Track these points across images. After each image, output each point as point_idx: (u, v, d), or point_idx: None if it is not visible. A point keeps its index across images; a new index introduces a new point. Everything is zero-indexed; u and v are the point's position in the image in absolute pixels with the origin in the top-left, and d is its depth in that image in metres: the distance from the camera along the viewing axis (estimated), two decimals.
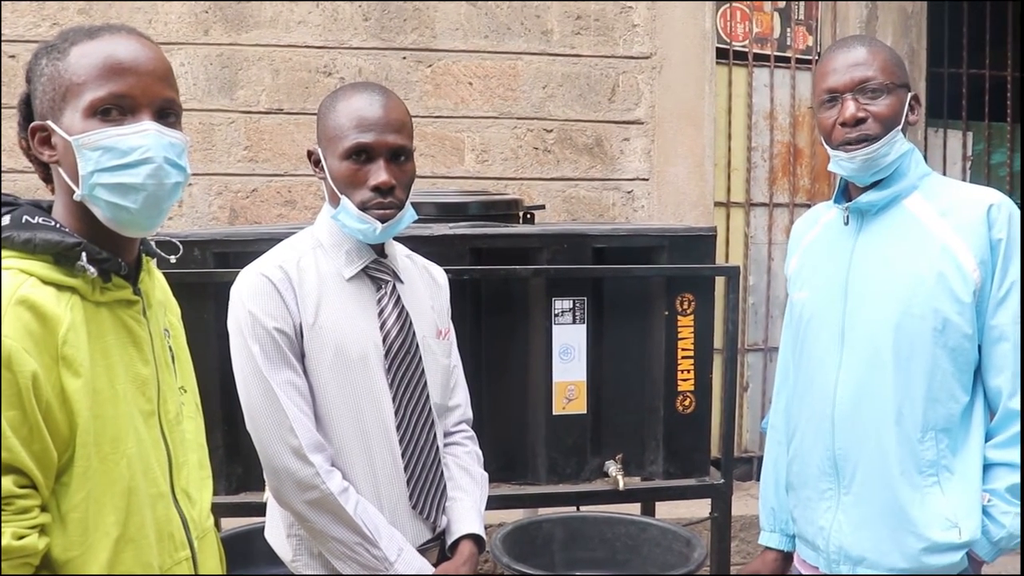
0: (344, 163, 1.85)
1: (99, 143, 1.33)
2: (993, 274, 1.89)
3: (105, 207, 1.35)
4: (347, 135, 1.84)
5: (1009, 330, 1.89)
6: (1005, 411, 1.90)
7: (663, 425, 2.84)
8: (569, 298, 2.76)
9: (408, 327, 1.94)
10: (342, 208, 1.86)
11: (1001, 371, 1.91)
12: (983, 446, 1.92)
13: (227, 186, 4.43)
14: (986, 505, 1.90)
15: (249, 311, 1.83)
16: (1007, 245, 1.89)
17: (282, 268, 1.86)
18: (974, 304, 1.89)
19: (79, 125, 1.34)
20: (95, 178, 1.33)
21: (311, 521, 1.82)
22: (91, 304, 1.34)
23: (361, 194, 1.85)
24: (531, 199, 4.44)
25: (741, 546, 4.49)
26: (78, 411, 1.28)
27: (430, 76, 4.51)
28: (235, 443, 2.69)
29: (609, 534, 2.90)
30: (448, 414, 2.11)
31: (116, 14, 4.19)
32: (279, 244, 1.97)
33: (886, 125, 1.94)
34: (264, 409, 1.81)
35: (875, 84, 1.94)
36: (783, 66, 4.91)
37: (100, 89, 1.34)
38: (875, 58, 1.96)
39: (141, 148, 1.34)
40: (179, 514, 1.46)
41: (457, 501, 2.02)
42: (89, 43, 1.37)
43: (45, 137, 1.38)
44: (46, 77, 1.37)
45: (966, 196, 1.96)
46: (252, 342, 1.82)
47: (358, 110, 1.85)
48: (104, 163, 1.33)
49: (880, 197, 1.99)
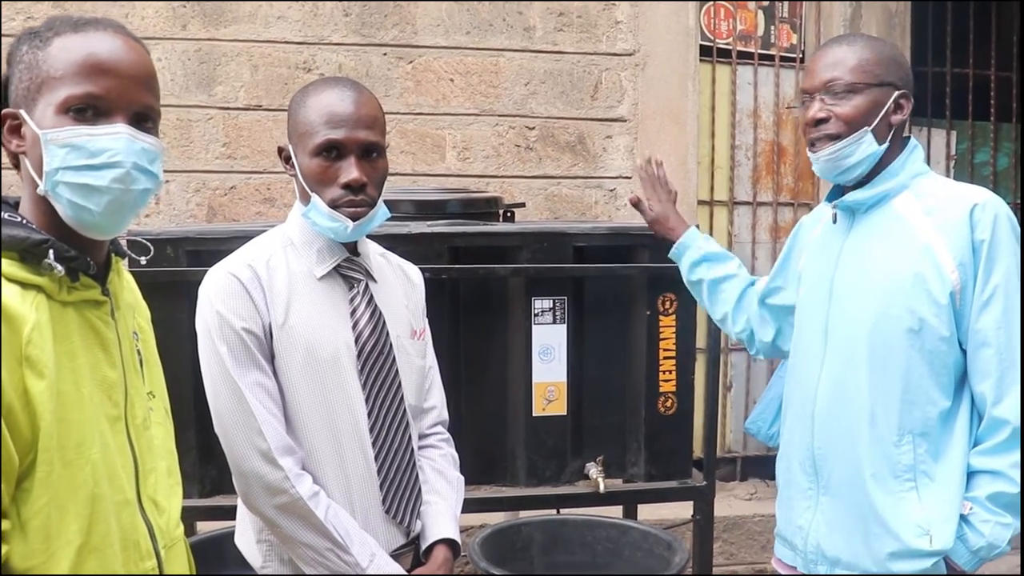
0: (314, 160, 1.80)
1: (67, 140, 1.30)
2: (976, 276, 1.86)
3: (67, 205, 1.31)
4: (317, 131, 1.79)
5: (992, 335, 1.85)
6: (991, 419, 1.87)
7: (645, 426, 2.82)
8: (549, 297, 2.73)
9: (381, 327, 1.90)
10: (312, 206, 1.82)
11: (985, 377, 1.87)
12: (966, 453, 1.90)
13: (205, 183, 4.38)
14: (967, 514, 1.87)
15: (217, 311, 1.79)
16: (990, 247, 1.85)
17: (251, 267, 1.82)
18: (951, 306, 1.86)
19: (50, 120, 1.30)
20: (59, 175, 1.30)
21: (281, 526, 1.79)
22: (57, 304, 1.30)
23: (332, 192, 1.80)
24: (513, 197, 4.41)
25: (724, 547, 4.48)
26: (41, 414, 1.23)
27: (411, 72, 4.47)
28: (209, 445, 2.65)
29: (590, 537, 2.89)
30: (423, 416, 2.07)
31: (92, 7, 4.14)
32: (249, 242, 1.93)
33: (851, 125, 1.92)
34: (232, 411, 1.77)
35: (841, 84, 1.93)
36: (767, 64, 4.89)
37: (76, 87, 1.30)
38: (850, 58, 1.94)
39: (110, 151, 1.31)
40: (145, 522, 1.42)
41: (432, 505, 1.99)
42: (72, 36, 1.33)
43: (16, 126, 1.34)
44: (24, 64, 1.34)
45: (951, 195, 1.93)
46: (220, 343, 1.78)
47: (328, 105, 1.80)
48: (70, 161, 1.30)
49: (867, 196, 1.97)
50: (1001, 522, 1.85)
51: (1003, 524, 1.85)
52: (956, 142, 5.34)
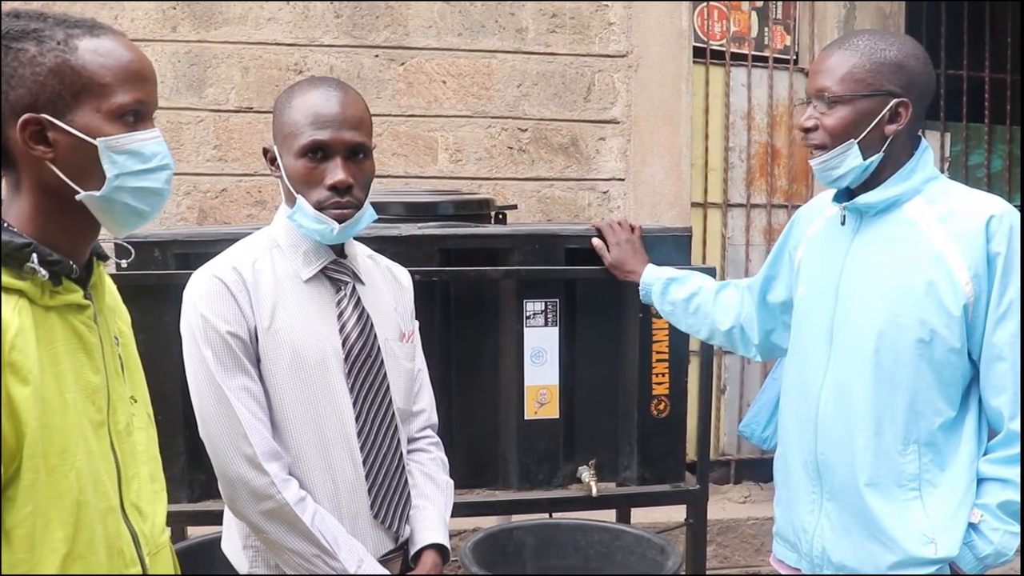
0: (300, 161, 1.79)
1: (127, 147, 1.34)
2: (991, 289, 1.83)
3: (121, 208, 1.36)
4: (302, 132, 1.78)
5: (1007, 350, 1.83)
6: (1008, 433, 1.85)
7: (637, 430, 2.79)
8: (541, 300, 2.71)
9: (369, 329, 1.89)
10: (298, 208, 1.81)
11: (1001, 391, 1.85)
12: (973, 462, 1.88)
13: (196, 186, 4.35)
14: (978, 521, 1.85)
15: (201, 314, 1.77)
16: (1006, 260, 1.82)
17: (236, 270, 1.81)
18: (964, 318, 1.84)
19: (105, 127, 1.32)
20: (120, 181, 1.34)
21: (267, 532, 1.77)
22: (40, 308, 1.29)
23: (317, 193, 1.79)
24: (505, 199, 4.39)
25: (718, 551, 4.46)
26: (26, 421, 1.21)
27: (403, 74, 4.45)
28: (198, 450, 2.60)
29: (582, 541, 2.87)
30: (412, 419, 2.06)
31: (81, 8, 4.11)
32: (234, 244, 1.91)
33: (835, 137, 1.90)
34: (217, 416, 1.76)
35: (828, 95, 1.90)
36: (761, 66, 4.88)
37: (126, 94, 1.34)
38: (842, 66, 1.89)
39: (160, 155, 1.39)
40: (129, 529, 1.40)
41: (421, 510, 1.98)
42: (95, 40, 1.33)
43: (37, 131, 1.31)
44: (45, 68, 1.29)
45: (967, 204, 1.89)
46: (205, 347, 1.76)
47: (314, 106, 1.79)
48: (131, 166, 1.34)
49: (879, 199, 1.93)
50: (1010, 531, 1.85)
51: (1011, 533, 1.85)
52: (950, 144, 5.34)
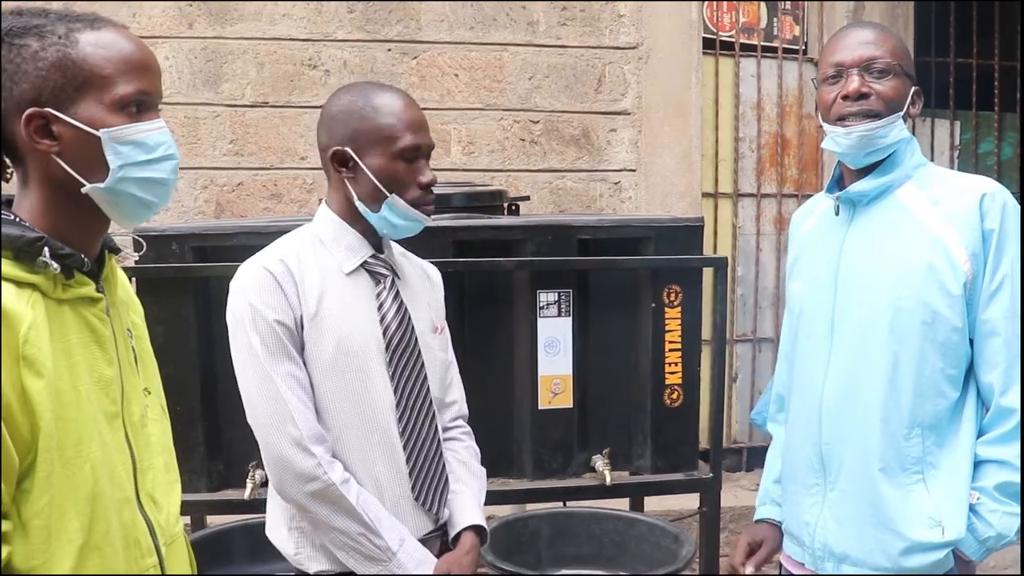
0: (397, 162, 1.90)
1: (131, 138, 1.34)
2: (985, 266, 1.84)
3: (128, 200, 1.36)
4: (401, 135, 1.89)
5: (1001, 325, 1.84)
6: (998, 408, 1.85)
7: (650, 419, 2.81)
8: (554, 290, 2.73)
9: (407, 321, 1.96)
10: (389, 205, 1.90)
11: (993, 367, 1.85)
12: (973, 443, 1.88)
13: (212, 180, 4.39)
14: (975, 503, 1.85)
15: (250, 303, 1.83)
16: (999, 236, 1.83)
17: (283, 261, 1.88)
18: (964, 297, 1.84)
19: (108, 119, 1.32)
20: (124, 172, 1.33)
21: (313, 512, 1.83)
22: (53, 302, 1.29)
23: (412, 192, 1.91)
24: (518, 191, 4.41)
25: (731, 538, 4.47)
26: (40, 413, 1.22)
27: (415, 68, 4.48)
28: (216, 440, 2.67)
29: (596, 530, 2.89)
30: (445, 410, 2.12)
31: (100, 7, 4.14)
32: (277, 240, 1.98)
33: (889, 106, 1.89)
34: (264, 401, 1.82)
35: (882, 64, 1.89)
36: (770, 56, 4.89)
37: (128, 84, 1.33)
38: (885, 41, 1.91)
39: (164, 144, 1.38)
40: (144, 520, 1.41)
41: (458, 494, 2.04)
42: (95, 33, 1.33)
43: (42, 126, 1.32)
44: (47, 62, 1.30)
45: (959, 185, 1.91)
46: (252, 334, 1.82)
47: (403, 110, 1.92)
48: (135, 157, 1.34)
49: (872, 186, 1.94)
50: (1009, 511, 1.83)
51: (1011, 513, 1.83)
52: (960, 132, 5.33)
